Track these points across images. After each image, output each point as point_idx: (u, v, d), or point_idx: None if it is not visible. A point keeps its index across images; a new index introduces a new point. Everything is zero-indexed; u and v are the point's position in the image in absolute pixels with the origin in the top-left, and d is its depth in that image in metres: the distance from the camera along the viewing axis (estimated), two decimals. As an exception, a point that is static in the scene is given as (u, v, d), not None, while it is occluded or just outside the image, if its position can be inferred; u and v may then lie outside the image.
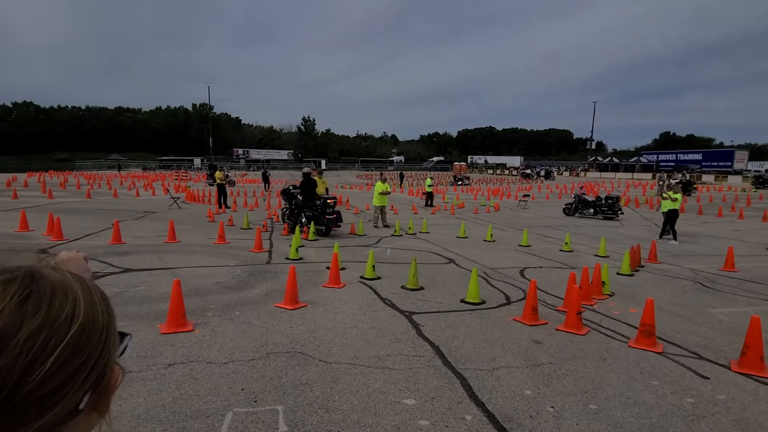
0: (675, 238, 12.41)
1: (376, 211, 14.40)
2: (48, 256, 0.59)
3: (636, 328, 5.44)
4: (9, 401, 0.45)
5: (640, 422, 3.54)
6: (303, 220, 12.41)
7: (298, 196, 12.65)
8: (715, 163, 66.41)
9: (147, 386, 3.83)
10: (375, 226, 14.18)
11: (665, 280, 8.33)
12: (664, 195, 12.50)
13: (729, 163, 64.49)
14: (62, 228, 10.64)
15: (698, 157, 70.18)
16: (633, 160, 77.35)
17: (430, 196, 21.32)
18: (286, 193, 13.35)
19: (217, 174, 19.02)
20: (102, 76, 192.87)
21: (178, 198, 19.70)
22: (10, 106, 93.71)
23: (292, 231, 11.72)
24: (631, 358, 4.75)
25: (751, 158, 73.72)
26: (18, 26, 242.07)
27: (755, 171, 58.99)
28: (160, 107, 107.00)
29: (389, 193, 14.87)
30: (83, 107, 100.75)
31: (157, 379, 3.97)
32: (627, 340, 5.23)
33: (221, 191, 18.28)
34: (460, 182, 43.40)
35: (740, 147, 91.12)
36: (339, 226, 11.85)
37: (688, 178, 33.51)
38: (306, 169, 13.28)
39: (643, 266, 9.41)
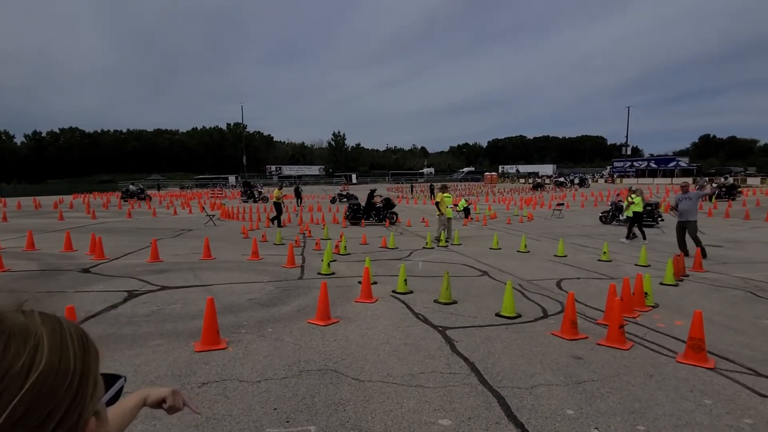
0: (628, 237, 13.63)
1: (443, 223, 13.56)
2: (30, 297, 0.54)
3: (683, 342, 5.14)
4: None
5: (694, 445, 3.30)
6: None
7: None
8: (663, 166, 73.81)
9: (182, 405, 3.85)
10: (436, 238, 13.45)
11: (713, 290, 7.89)
12: (629, 199, 13.57)
13: (674, 167, 71.09)
14: (104, 248, 11.05)
15: (652, 164, 77.86)
16: (617, 166, 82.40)
17: (467, 210, 21.19)
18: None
19: (275, 192, 19.02)
20: (141, 99, 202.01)
21: (214, 215, 20.20)
22: (58, 131, 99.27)
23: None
24: (681, 375, 4.48)
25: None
26: (63, 55, 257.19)
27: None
28: (196, 128, 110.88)
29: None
30: (124, 130, 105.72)
31: (191, 399, 3.99)
32: (674, 355, 4.94)
33: (278, 209, 18.26)
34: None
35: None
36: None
37: (731, 182, 32.03)
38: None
39: (687, 275, 8.96)
